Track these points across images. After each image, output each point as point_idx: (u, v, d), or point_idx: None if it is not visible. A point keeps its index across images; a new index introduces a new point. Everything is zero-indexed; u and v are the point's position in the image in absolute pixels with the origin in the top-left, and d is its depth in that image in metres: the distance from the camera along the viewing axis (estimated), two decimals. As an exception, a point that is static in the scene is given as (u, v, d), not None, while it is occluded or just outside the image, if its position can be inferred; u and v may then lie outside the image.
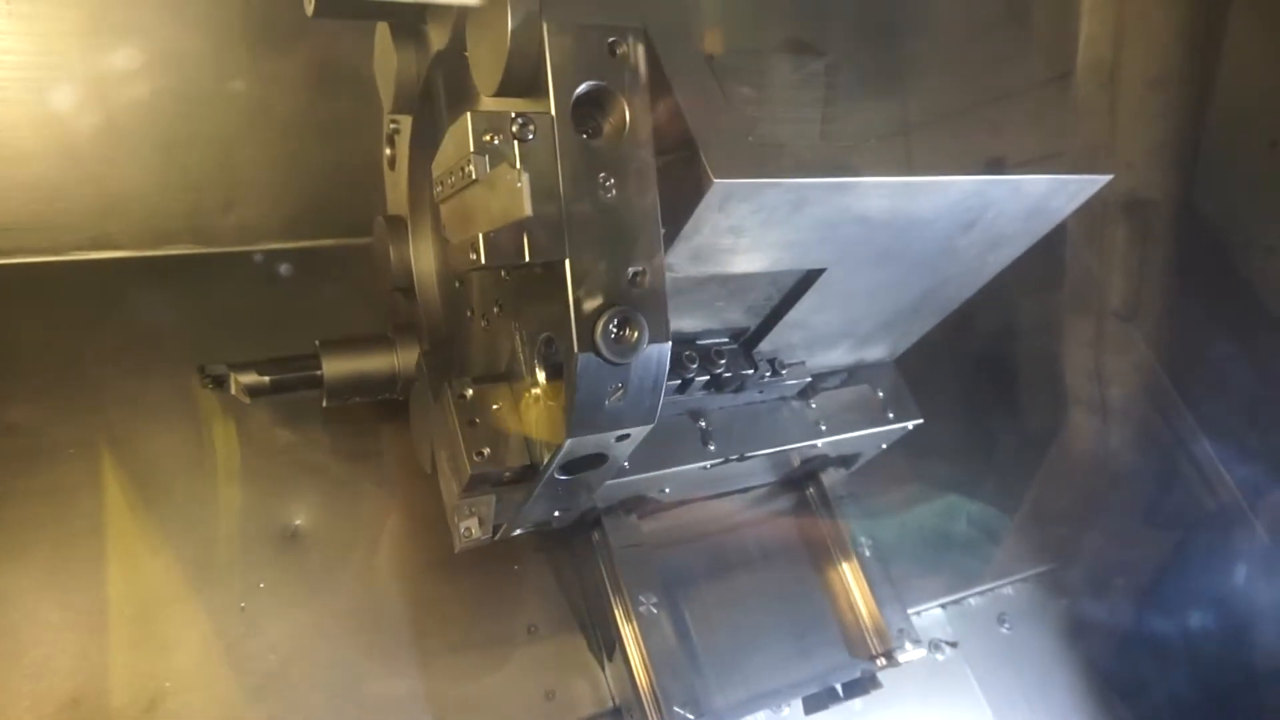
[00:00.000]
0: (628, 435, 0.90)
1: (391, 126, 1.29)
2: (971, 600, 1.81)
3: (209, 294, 1.50)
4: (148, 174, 1.48)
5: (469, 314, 1.16)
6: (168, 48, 1.44)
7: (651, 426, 0.90)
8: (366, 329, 1.37)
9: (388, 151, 1.33)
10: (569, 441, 0.86)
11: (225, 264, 1.55)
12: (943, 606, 1.77)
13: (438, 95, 1.10)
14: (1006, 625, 1.81)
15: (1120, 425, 1.82)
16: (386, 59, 1.15)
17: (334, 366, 1.26)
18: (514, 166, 0.75)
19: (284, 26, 1.50)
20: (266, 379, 1.24)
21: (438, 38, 0.98)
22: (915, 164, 1.00)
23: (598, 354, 0.81)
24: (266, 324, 1.49)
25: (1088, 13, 1.63)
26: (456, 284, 1.21)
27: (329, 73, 1.55)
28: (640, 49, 0.83)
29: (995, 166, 1.04)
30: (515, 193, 0.72)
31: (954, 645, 1.72)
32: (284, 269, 1.56)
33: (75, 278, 1.45)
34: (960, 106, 1.08)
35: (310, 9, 1.01)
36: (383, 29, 1.15)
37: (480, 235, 0.76)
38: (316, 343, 1.28)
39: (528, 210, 0.72)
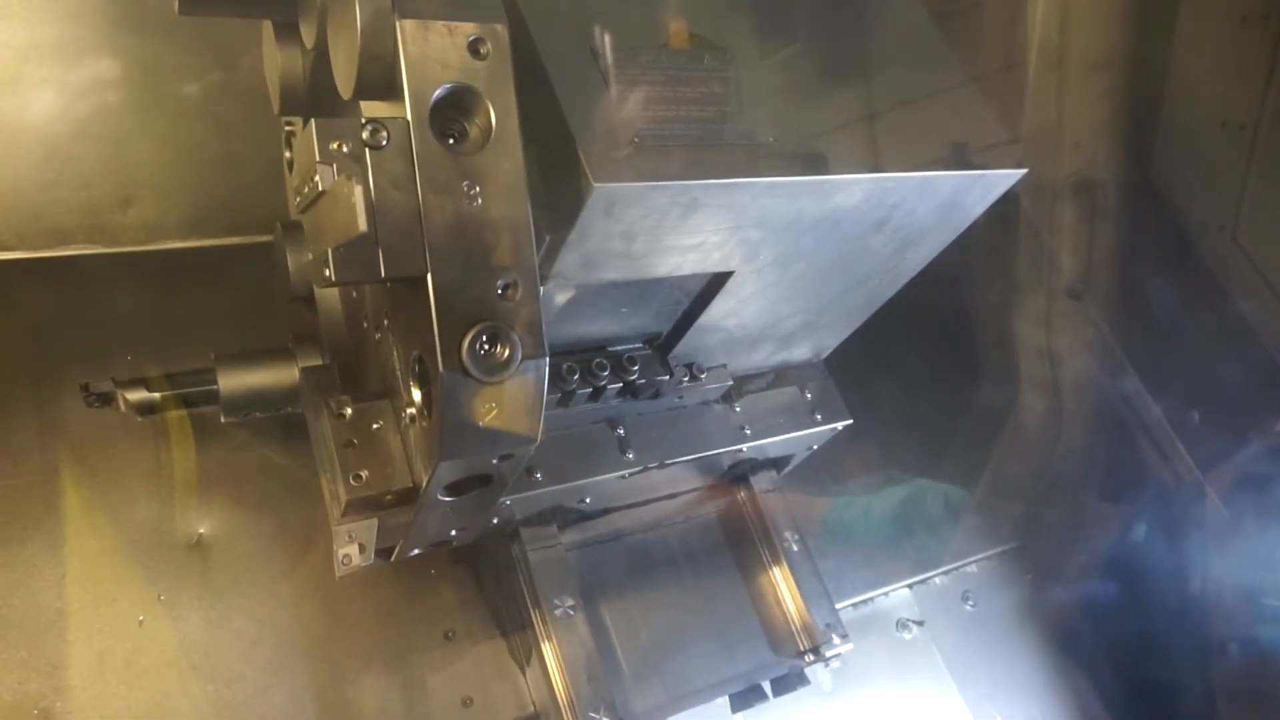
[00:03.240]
0: (510, 455, 0.86)
1: (288, 129, 1.24)
2: (937, 580, 1.85)
3: (108, 296, 1.45)
4: (34, 170, 1.41)
5: (365, 325, 1.11)
6: (45, 37, 1.37)
7: (535, 445, 0.85)
8: (271, 333, 1.33)
9: (287, 154, 1.27)
10: (441, 465, 0.81)
11: (125, 264, 1.48)
12: (909, 587, 1.81)
13: (323, 98, 1.05)
14: (970, 603, 1.85)
15: (1072, 402, 1.83)
16: (272, 58, 1.09)
17: (231, 381, 1.21)
18: (364, 176, 0.70)
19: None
20: (157, 396, 1.18)
21: (308, 36, 0.92)
22: (814, 163, 0.96)
23: (465, 373, 0.76)
24: (169, 327, 1.44)
25: (1035, -1, 1.63)
26: (354, 294, 1.16)
27: (231, 62, 1.49)
28: (507, 47, 0.78)
29: (898, 163, 1.00)
30: (351, 206, 0.67)
31: (920, 624, 1.74)
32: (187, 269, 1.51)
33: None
34: (864, 103, 1.04)
35: (177, 6, 0.95)
36: (267, 28, 1.09)
37: (329, 250, 0.71)
38: (213, 356, 1.23)
39: (362, 226, 0.67)
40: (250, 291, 1.52)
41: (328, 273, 0.73)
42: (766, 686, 1.41)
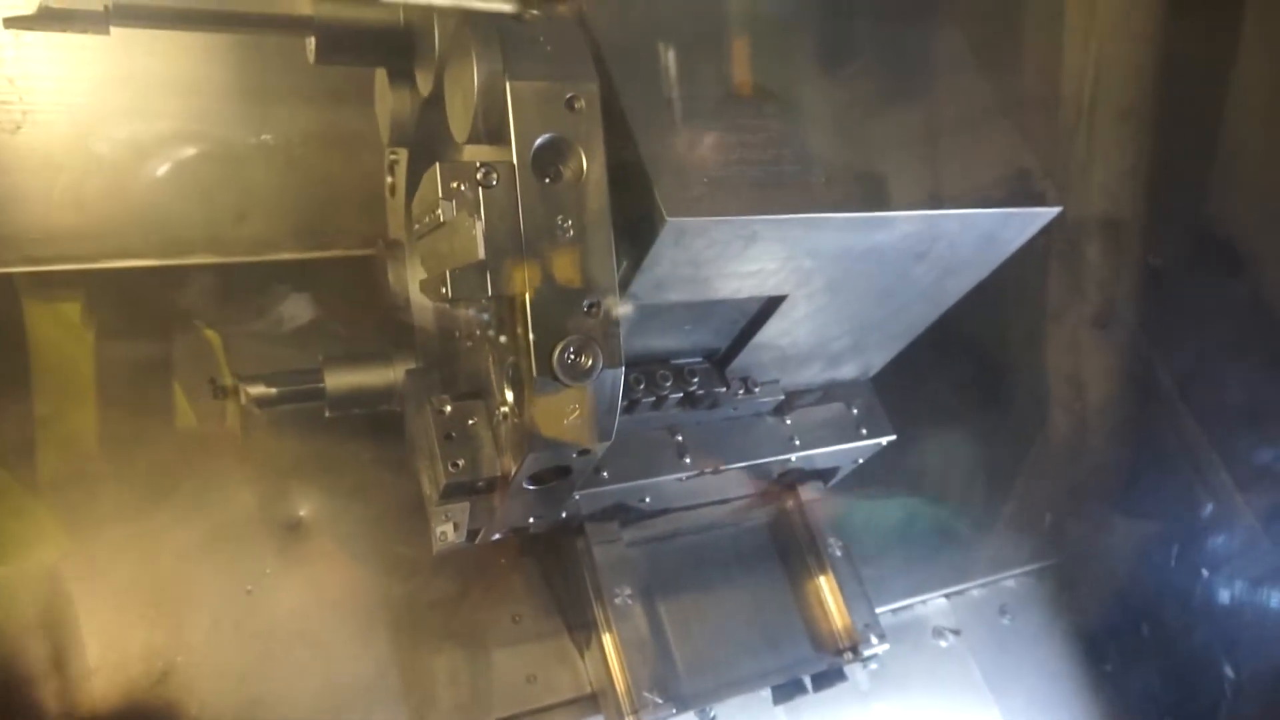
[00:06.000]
0: (588, 451, 0.99)
1: (391, 158, 1.39)
2: (974, 592, 1.91)
3: (223, 301, 1.62)
4: (163, 187, 1.59)
5: (456, 334, 1.25)
6: (178, 72, 1.55)
7: (609, 444, 0.98)
8: (369, 339, 1.49)
9: (389, 180, 1.43)
10: (529, 456, 0.94)
11: (238, 273, 1.66)
12: (946, 596, 1.88)
13: (428, 134, 1.20)
14: (1007, 616, 1.91)
15: (1105, 424, 1.91)
16: (384, 99, 1.25)
17: (336, 380, 1.36)
18: (477, 212, 0.84)
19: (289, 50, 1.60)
20: (274, 390, 1.34)
21: (424, 85, 1.07)
22: (863, 200, 1.08)
23: (554, 378, 0.90)
24: (276, 330, 1.61)
25: (1068, 50, 1.73)
26: (447, 307, 1.30)
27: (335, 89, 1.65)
28: (597, 103, 0.91)
29: (940, 201, 1.11)
30: (471, 238, 0.81)
31: (956, 633, 1.81)
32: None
33: (101, 284, 1.57)
34: (909, 142, 1.16)
35: (312, 57, 1.11)
36: (380, 73, 1.25)
37: (447, 272, 0.86)
38: (320, 358, 1.39)
39: (481, 254, 0.81)
40: (346, 299, 1.68)
41: (444, 291, 0.87)
42: (807, 681, 1.52)
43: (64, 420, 1.45)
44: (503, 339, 1.01)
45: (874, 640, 1.50)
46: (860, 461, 1.62)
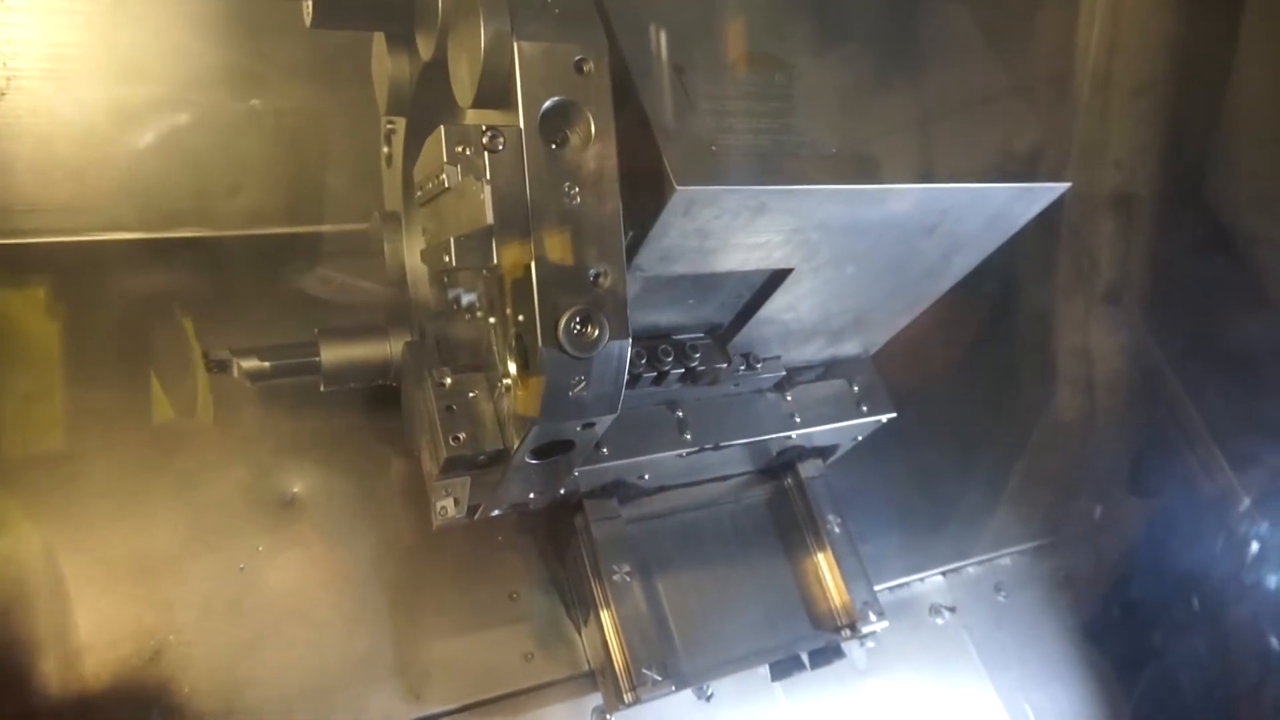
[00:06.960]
0: (592, 424, 0.97)
1: (388, 127, 1.36)
2: (970, 569, 1.93)
3: (215, 275, 1.58)
4: (153, 158, 1.55)
5: (455, 307, 1.23)
6: (173, 41, 1.51)
7: (615, 416, 0.96)
8: (363, 315, 1.46)
9: (385, 150, 1.40)
10: (535, 428, 0.92)
11: (230, 247, 1.62)
12: (943, 574, 1.89)
13: (427, 101, 1.17)
14: (1003, 594, 1.93)
15: (1107, 402, 1.91)
16: (381, 65, 1.22)
17: (331, 354, 1.34)
18: (483, 177, 0.82)
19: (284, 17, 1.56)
20: (267, 364, 1.32)
21: (425, 49, 1.04)
22: (872, 172, 1.06)
23: (560, 349, 0.88)
24: (269, 305, 1.58)
25: (1084, 24, 1.72)
26: (445, 279, 1.28)
27: (331, 60, 1.61)
28: (606, 67, 0.89)
29: (949, 175, 1.10)
30: (479, 203, 0.78)
31: (952, 610, 1.83)
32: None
33: (91, 257, 1.53)
34: (920, 116, 1.14)
35: (308, 20, 1.07)
36: (379, 38, 1.22)
37: (451, 239, 0.83)
38: (316, 331, 1.36)
39: (489, 219, 0.79)
40: (339, 273, 1.65)
41: (447, 259, 0.85)
42: (805, 658, 1.51)
43: (49, 396, 1.42)
44: (492, 320, 0.99)
45: (872, 618, 1.50)
46: (860, 439, 1.61)
